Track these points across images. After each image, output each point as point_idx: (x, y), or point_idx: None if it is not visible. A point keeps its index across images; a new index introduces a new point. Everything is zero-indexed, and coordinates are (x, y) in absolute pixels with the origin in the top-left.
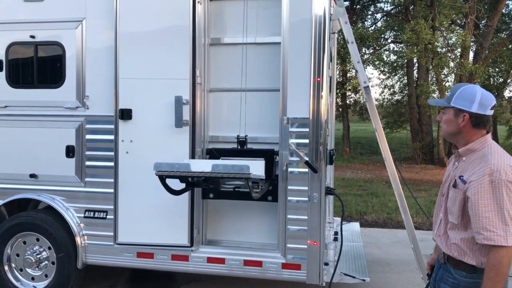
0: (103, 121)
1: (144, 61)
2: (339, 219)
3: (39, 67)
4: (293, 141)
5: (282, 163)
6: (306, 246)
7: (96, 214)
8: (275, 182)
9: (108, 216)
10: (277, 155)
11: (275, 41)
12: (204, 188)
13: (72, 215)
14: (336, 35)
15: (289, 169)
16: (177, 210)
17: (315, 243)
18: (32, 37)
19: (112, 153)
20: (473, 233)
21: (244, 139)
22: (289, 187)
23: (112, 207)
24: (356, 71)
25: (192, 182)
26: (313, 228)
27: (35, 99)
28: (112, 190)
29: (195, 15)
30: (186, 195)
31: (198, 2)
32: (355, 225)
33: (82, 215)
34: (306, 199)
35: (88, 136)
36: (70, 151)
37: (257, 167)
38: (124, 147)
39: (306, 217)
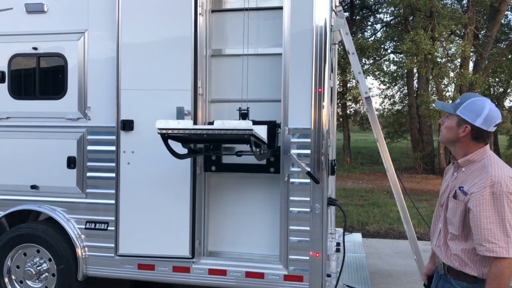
0: (105, 132)
1: (146, 72)
2: (341, 229)
3: (41, 78)
4: (294, 151)
5: (284, 173)
6: (308, 258)
7: (97, 226)
8: (277, 153)
9: (109, 228)
10: (279, 127)
11: (276, 52)
12: (206, 159)
13: (73, 227)
14: (336, 45)
15: (291, 180)
16: (179, 221)
17: (317, 255)
18: (35, 48)
19: (114, 164)
20: (474, 244)
21: (246, 112)
22: (291, 198)
23: (113, 218)
24: (357, 81)
25: (194, 149)
26: (315, 239)
27: (37, 110)
28: (113, 201)
29: (197, 26)
30: (187, 205)
31: (200, 14)
32: (357, 236)
33: (83, 226)
34: (308, 210)
35: (90, 147)
36: (71, 162)
37: (259, 130)
38: (126, 158)
39: (308, 228)
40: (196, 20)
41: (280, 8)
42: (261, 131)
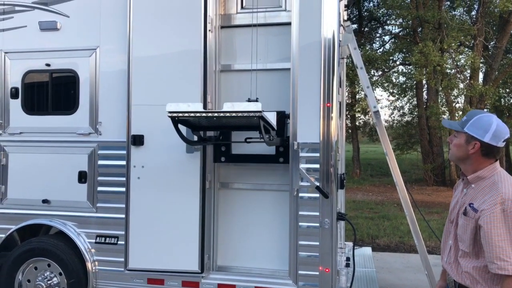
0: (116, 147)
1: (156, 88)
2: (350, 243)
3: (53, 94)
4: (303, 166)
5: (293, 188)
6: (318, 273)
7: (107, 240)
8: (286, 143)
9: (119, 242)
10: (288, 117)
11: (285, 67)
12: (215, 150)
13: (83, 241)
14: (345, 59)
15: (300, 194)
16: (188, 235)
17: (327, 270)
18: (48, 65)
19: (124, 179)
20: (486, 262)
21: (255, 100)
22: (300, 213)
23: (123, 232)
24: (366, 95)
25: (204, 138)
26: (325, 254)
27: (49, 125)
28: (123, 216)
29: (206, 42)
30: (196, 219)
31: (209, 30)
32: (367, 250)
33: (93, 240)
34: (318, 224)
35: (101, 162)
36: (82, 177)
37: (268, 115)
38: (136, 172)
39: (317, 243)
40: (205, 36)
41: (289, 23)
42: (270, 117)
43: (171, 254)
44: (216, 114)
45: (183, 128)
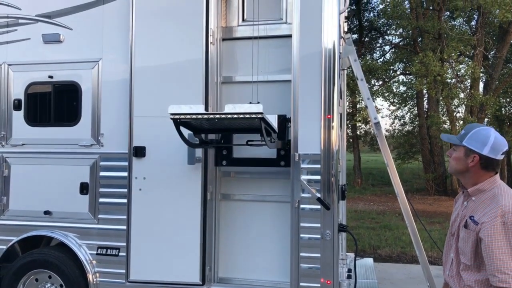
0: (117, 158)
1: (158, 100)
2: (352, 254)
3: (56, 105)
4: (304, 177)
5: (294, 200)
6: (319, 285)
7: (109, 251)
8: (287, 147)
9: (120, 253)
10: (289, 121)
11: (286, 79)
12: (217, 153)
13: (84, 252)
14: (345, 71)
15: (301, 206)
16: (189, 247)
17: (328, 282)
18: (50, 77)
19: (125, 190)
20: (487, 275)
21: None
22: (301, 224)
23: (124, 244)
24: (366, 107)
25: (206, 141)
26: (326, 266)
27: (51, 137)
28: (125, 227)
29: (208, 54)
30: (198, 231)
31: (211, 42)
32: (369, 261)
33: (95, 252)
34: (319, 236)
35: (102, 173)
36: (84, 188)
37: (269, 117)
38: (137, 184)
39: (319, 255)
40: (207, 49)
41: (289, 36)
42: (272, 119)
43: (172, 266)
44: (217, 116)
45: (185, 132)
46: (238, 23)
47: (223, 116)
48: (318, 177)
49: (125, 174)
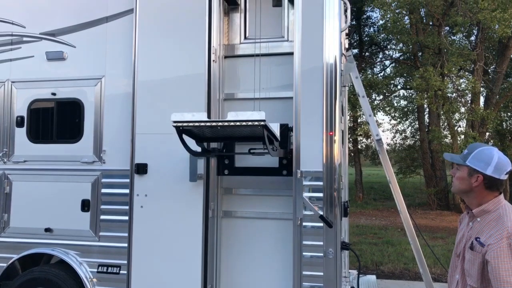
0: (119, 175)
1: (160, 117)
2: (355, 271)
3: (58, 122)
4: (306, 194)
5: (296, 217)
6: None
7: (110, 269)
8: (289, 156)
9: (121, 271)
10: (291, 130)
11: (287, 96)
12: (219, 162)
13: (85, 270)
14: (347, 87)
15: (303, 223)
16: (191, 265)
17: None
18: (53, 94)
19: (127, 207)
20: None
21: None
22: (304, 242)
23: (125, 262)
24: (368, 123)
25: (208, 150)
26: (329, 285)
27: (53, 153)
28: (126, 245)
29: (210, 72)
30: (199, 249)
31: (213, 60)
32: (372, 278)
33: (95, 270)
34: (321, 254)
35: (104, 190)
36: (85, 205)
37: (272, 126)
38: (139, 201)
39: (321, 274)
40: (209, 66)
41: (291, 53)
42: (274, 127)
43: (173, 284)
44: (220, 124)
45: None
46: (240, 41)
47: (226, 123)
48: (321, 195)
49: (127, 191)
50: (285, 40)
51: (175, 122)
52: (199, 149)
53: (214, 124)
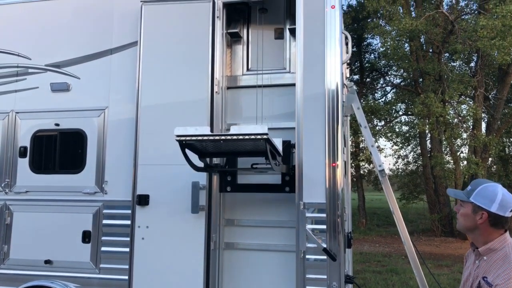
0: (121, 206)
1: (163, 148)
2: None
3: (61, 153)
4: (309, 226)
5: (299, 250)
6: None
7: None
8: (291, 173)
9: None
10: (293, 147)
11: (290, 126)
12: (221, 179)
13: None
14: (348, 117)
15: (307, 256)
16: None
17: None
18: (57, 124)
19: (128, 239)
20: None
21: None
22: (307, 276)
23: None
24: (371, 153)
25: (210, 165)
26: None
27: (55, 184)
28: (126, 277)
29: (213, 103)
30: (201, 282)
31: (216, 92)
32: None
33: None
34: None
35: (105, 221)
36: (86, 237)
37: (275, 141)
38: (140, 233)
39: None
40: (212, 97)
41: (293, 84)
42: (276, 143)
43: None
44: (223, 138)
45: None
46: (243, 72)
47: (228, 137)
48: (324, 226)
49: (128, 222)
50: (287, 71)
51: (178, 136)
52: (202, 164)
53: (217, 138)
